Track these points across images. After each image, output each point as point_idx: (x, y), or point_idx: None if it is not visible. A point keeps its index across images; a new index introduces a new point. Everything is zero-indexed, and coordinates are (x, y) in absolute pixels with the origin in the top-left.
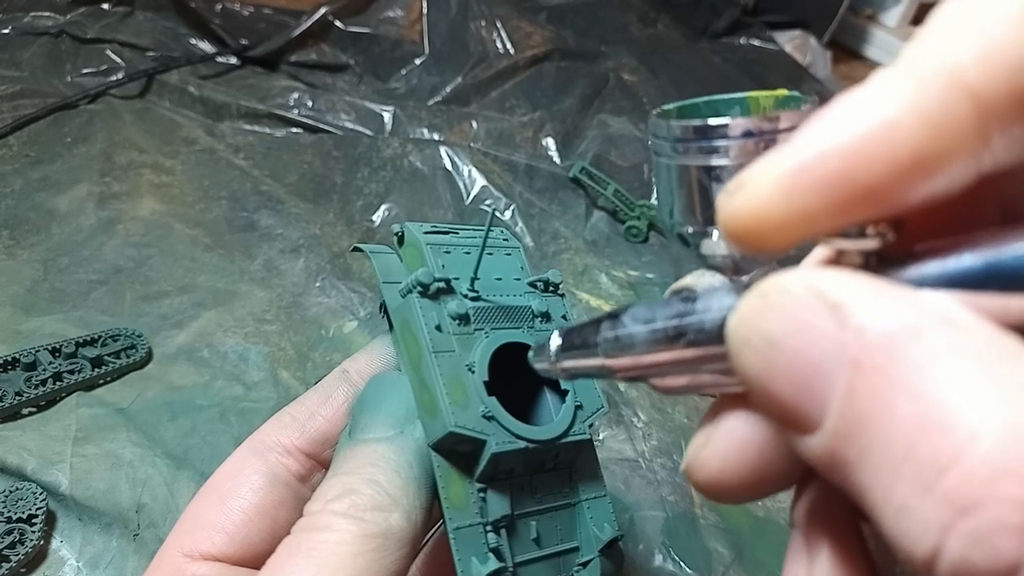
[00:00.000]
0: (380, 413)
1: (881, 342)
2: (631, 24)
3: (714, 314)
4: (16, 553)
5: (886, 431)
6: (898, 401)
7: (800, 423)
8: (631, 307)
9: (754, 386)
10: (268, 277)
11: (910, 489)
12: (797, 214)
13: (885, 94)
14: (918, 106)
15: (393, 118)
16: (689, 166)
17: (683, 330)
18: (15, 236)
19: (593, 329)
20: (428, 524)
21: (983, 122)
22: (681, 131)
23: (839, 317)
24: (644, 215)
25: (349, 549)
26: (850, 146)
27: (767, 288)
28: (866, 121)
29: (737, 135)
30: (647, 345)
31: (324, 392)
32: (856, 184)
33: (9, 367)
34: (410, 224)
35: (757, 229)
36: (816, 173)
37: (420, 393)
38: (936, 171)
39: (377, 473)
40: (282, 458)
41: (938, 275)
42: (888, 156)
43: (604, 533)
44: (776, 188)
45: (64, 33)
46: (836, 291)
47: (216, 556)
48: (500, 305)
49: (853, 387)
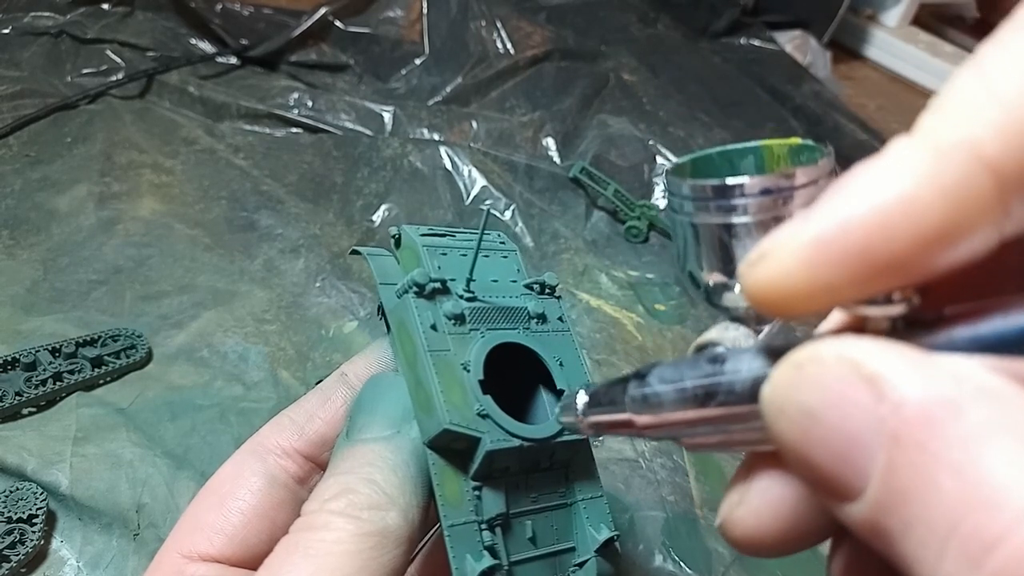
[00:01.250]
0: (377, 413)
1: (920, 416)
2: (631, 24)
3: (744, 376)
4: (16, 553)
5: (930, 506)
6: (941, 477)
7: (840, 492)
8: (658, 366)
9: (791, 455)
10: (268, 277)
11: (956, 566)
12: (820, 285)
13: (903, 167)
14: (937, 180)
15: (393, 118)
16: (708, 224)
17: (713, 391)
18: (15, 236)
19: (620, 388)
20: (426, 523)
21: (1003, 194)
22: (698, 191)
23: (875, 390)
24: (644, 215)
25: (346, 548)
26: (871, 219)
27: (801, 359)
28: (885, 194)
29: (755, 193)
30: (675, 405)
31: (323, 395)
32: (878, 256)
33: (9, 367)
34: (406, 226)
35: (781, 299)
36: (838, 246)
37: (416, 392)
38: (957, 242)
39: (374, 472)
40: (281, 460)
41: (969, 339)
42: (909, 229)
43: (600, 533)
44: (798, 260)
45: (64, 33)
46: (871, 362)
47: (215, 557)
48: (496, 306)
49: (893, 461)
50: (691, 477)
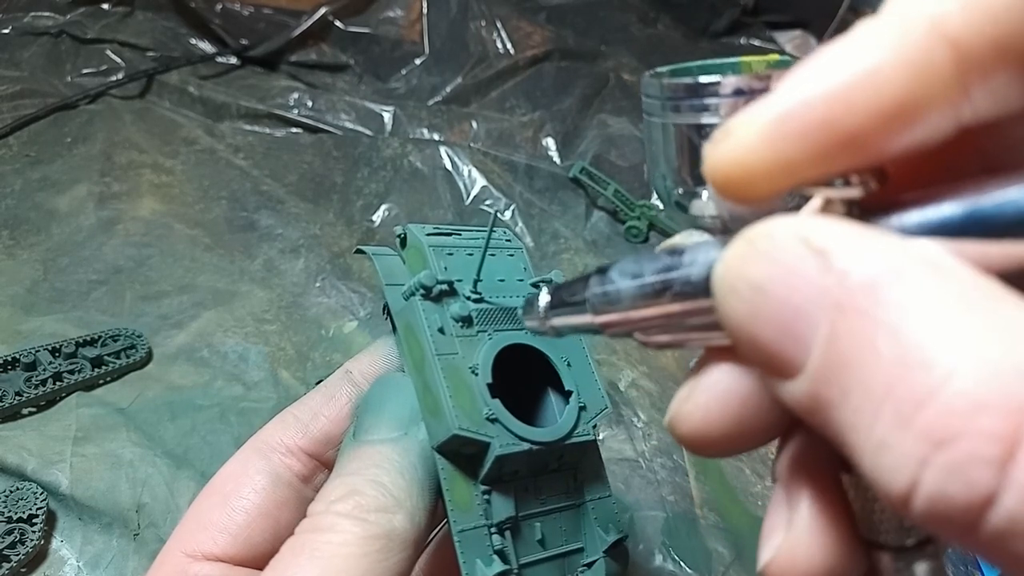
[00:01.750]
0: (384, 415)
1: (864, 284)
2: (631, 24)
3: (700, 266)
4: (16, 553)
5: (867, 371)
6: (879, 341)
7: (783, 368)
8: (619, 262)
9: (738, 333)
10: (268, 277)
11: (889, 426)
12: (781, 161)
13: (869, 42)
14: (901, 54)
15: (393, 118)
16: (680, 125)
17: (669, 283)
18: (15, 236)
19: (581, 285)
20: (432, 526)
21: (964, 72)
22: (672, 89)
23: (823, 262)
24: (644, 215)
25: (353, 550)
26: (833, 93)
27: (753, 235)
28: (850, 68)
29: (728, 93)
30: (634, 300)
31: (327, 392)
32: (839, 131)
33: (9, 367)
34: (412, 226)
35: (742, 177)
36: (800, 120)
37: (424, 396)
38: (917, 119)
39: (381, 474)
40: (285, 458)
41: (920, 223)
42: (870, 103)
43: (609, 534)
44: (760, 136)
45: (64, 33)
46: (821, 237)
47: (219, 556)
48: (503, 307)
49: (835, 329)
50: (691, 477)
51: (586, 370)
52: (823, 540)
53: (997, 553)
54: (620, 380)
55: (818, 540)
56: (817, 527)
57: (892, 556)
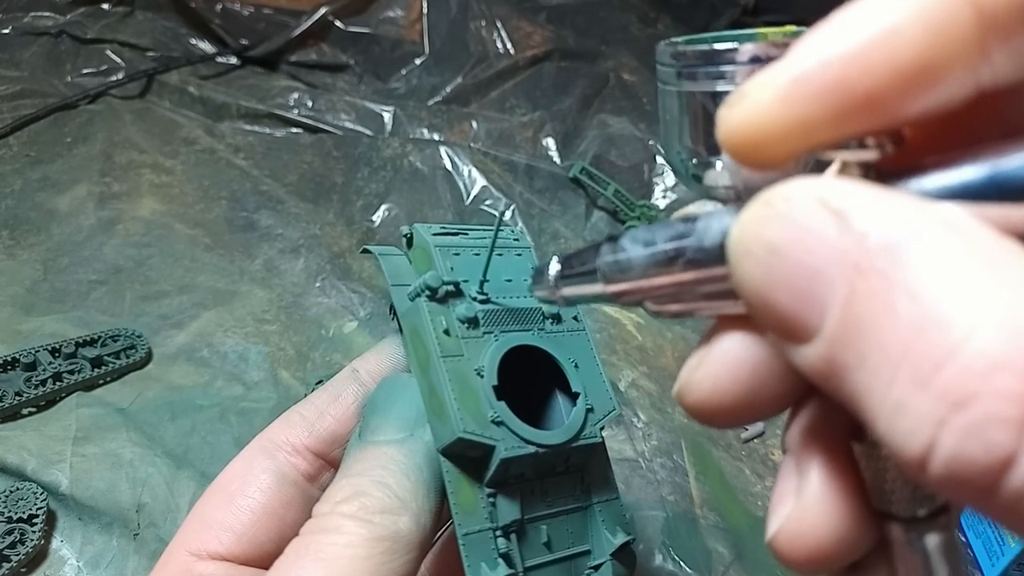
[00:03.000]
0: (390, 415)
1: (882, 245)
2: (631, 24)
3: (714, 233)
4: (17, 553)
5: (885, 332)
6: (897, 302)
7: (798, 332)
8: (631, 230)
9: (753, 296)
10: (268, 277)
11: (905, 387)
12: (797, 123)
13: (888, 1)
14: (920, 13)
15: (393, 118)
16: (695, 92)
17: (682, 250)
18: (15, 236)
19: (592, 253)
20: (437, 527)
21: (984, 32)
22: (688, 56)
23: (842, 223)
24: (644, 215)
25: (357, 552)
26: (851, 53)
27: (770, 197)
28: (868, 28)
29: (744, 60)
30: (646, 268)
31: (334, 391)
32: (856, 91)
33: (9, 367)
34: (419, 225)
35: (757, 139)
36: (817, 81)
37: (429, 398)
38: (936, 80)
39: (387, 476)
40: (291, 457)
41: (940, 187)
42: (889, 63)
43: (616, 536)
44: (776, 97)
45: (64, 33)
46: (839, 198)
47: (223, 555)
48: (509, 308)
49: (853, 291)
50: (691, 477)
51: (594, 372)
52: (833, 510)
53: (1015, 517)
54: (620, 380)
55: (828, 510)
56: (827, 497)
57: (903, 527)
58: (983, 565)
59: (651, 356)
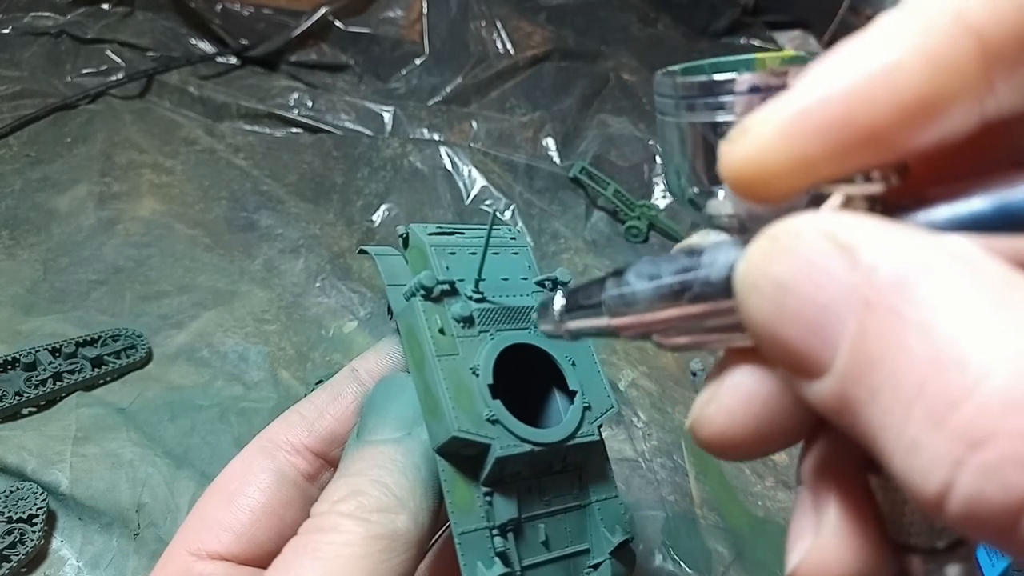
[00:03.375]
0: (388, 415)
1: (892, 280)
2: (631, 24)
3: (719, 267)
4: (17, 553)
5: (897, 369)
6: (910, 339)
7: (809, 368)
8: (636, 263)
9: (762, 332)
10: (268, 277)
11: (921, 426)
12: (799, 159)
13: (889, 35)
14: (923, 47)
15: (393, 118)
16: (695, 123)
17: (688, 284)
18: (15, 236)
19: (598, 287)
20: (435, 526)
21: (988, 64)
22: (686, 87)
23: (850, 257)
24: (644, 215)
25: (355, 551)
26: (853, 88)
27: (776, 232)
28: (870, 63)
29: (744, 91)
30: (652, 302)
31: (333, 391)
32: (858, 127)
33: (9, 367)
34: (415, 226)
35: (759, 176)
36: (819, 117)
37: (425, 397)
38: (939, 114)
39: (384, 475)
40: (290, 457)
41: (948, 219)
42: (891, 98)
43: (615, 535)
44: (778, 133)
45: (64, 33)
46: (847, 232)
47: (223, 555)
48: (505, 306)
49: (864, 327)
50: (691, 477)
51: (592, 370)
52: (852, 543)
53: None
54: (620, 380)
55: (847, 544)
56: (845, 530)
57: (923, 559)
58: (984, 566)
59: (651, 356)
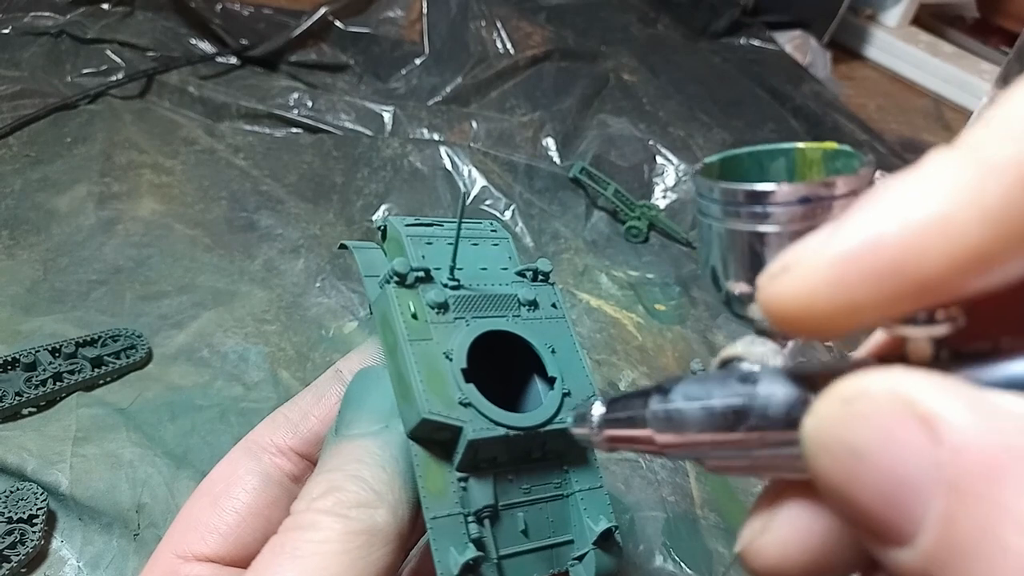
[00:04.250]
0: (365, 408)
1: (983, 464)
2: (631, 24)
3: (779, 400)
4: (17, 553)
5: (993, 565)
6: (1007, 534)
7: (887, 537)
8: (682, 381)
9: (834, 493)
10: (268, 277)
11: None
12: (844, 305)
13: (943, 182)
14: (978, 200)
15: (393, 118)
16: (737, 231)
17: (744, 415)
18: (15, 236)
19: (640, 401)
20: (416, 519)
21: None
22: (729, 195)
23: (932, 432)
24: (644, 215)
25: (334, 547)
26: (902, 237)
27: (848, 393)
28: (920, 210)
29: (791, 201)
30: (701, 425)
31: (317, 392)
32: (907, 277)
33: (9, 367)
34: (392, 218)
35: (801, 317)
36: (865, 263)
37: (398, 383)
38: (995, 267)
39: (362, 469)
40: (276, 458)
41: None
42: (943, 251)
43: (598, 525)
44: (822, 277)
45: (64, 33)
46: (926, 400)
47: (209, 557)
48: (482, 294)
49: (952, 511)
50: (691, 477)
51: (573, 357)
52: None
53: None
54: (620, 380)
55: None
56: None
57: None
58: None
59: (651, 356)
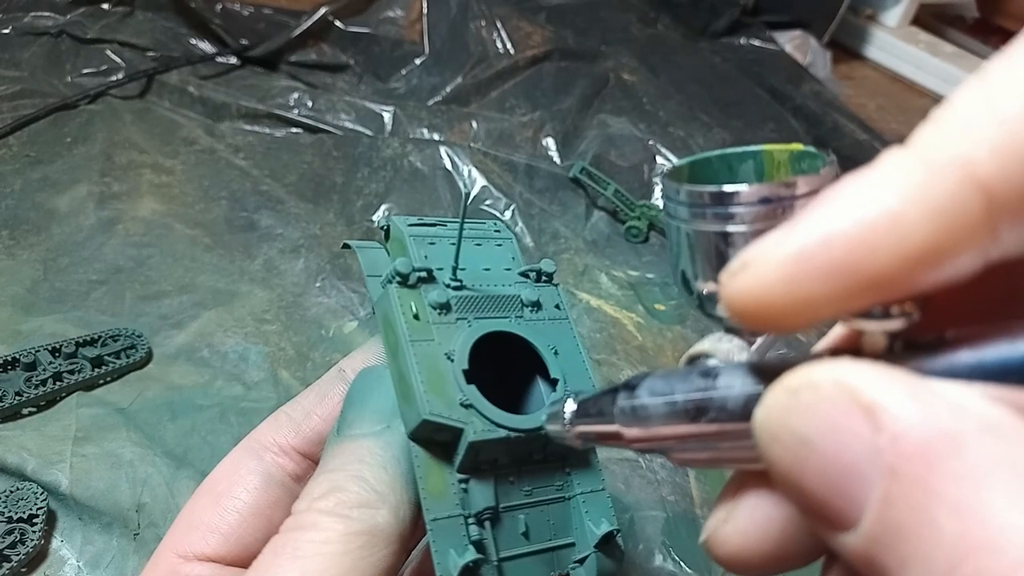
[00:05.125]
0: (367, 408)
1: (919, 450)
2: (631, 24)
3: (736, 393)
4: (17, 553)
5: (928, 545)
6: (940, 516)
7: (833, 521)
8: (648, 378)
9: (784, 480)
10: (268, 277)
11: None
12: (800, 300)
13: (893, 181)
14: (925, 198)
15: (393, 118)
16: (704, 231)
17: (704, 408)
18: (15, 236)
19: (610, 398)
20: (417, 520)
21: (993, 216)
22: (694, 197)
23: (873, 420)
24: (644, 215)
25: (335, 548)
26: (854, 234)
27: (795, 383)
28: (871, 209)
29: (753, 202)
30: (664, 419)
31: (320, 391)
32: (860, 273)
33: (9, 367)
34: (395, 218)
35: (759, 312)
36: (819, 260)
37: (399, 383)
38: (942, 263)
39: (363, 469)
40: (278, 458)
41: (971, 366)
42: (893, 247)
43: (599, 527)
44: (778, 272)
45: (64, 33)
46: (869, 390)
47: (210, 556)
48: (485, 294)
49: (890, 495)
50: (691, 477)
51: (576, 358)
52: None
53: None
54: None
55: None
56: None
57: None
58: None
59: (651, 356)
